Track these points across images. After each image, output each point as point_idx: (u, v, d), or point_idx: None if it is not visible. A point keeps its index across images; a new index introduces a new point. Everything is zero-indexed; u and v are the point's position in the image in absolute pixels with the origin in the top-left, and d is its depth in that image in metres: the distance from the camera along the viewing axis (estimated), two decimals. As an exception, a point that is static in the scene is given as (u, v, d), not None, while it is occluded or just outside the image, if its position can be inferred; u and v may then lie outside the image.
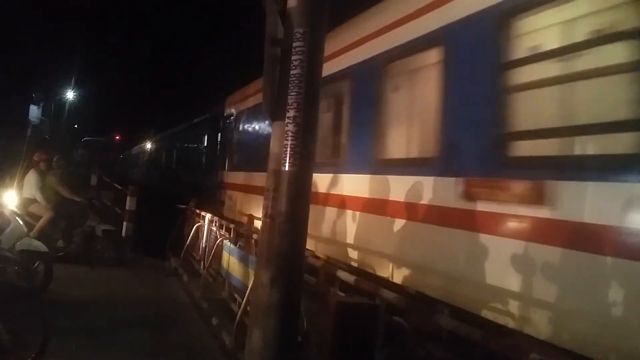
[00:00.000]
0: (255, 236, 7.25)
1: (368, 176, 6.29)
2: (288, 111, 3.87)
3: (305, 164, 3.90)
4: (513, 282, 4.08)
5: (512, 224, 4.11)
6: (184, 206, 12.72)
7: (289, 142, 3.84)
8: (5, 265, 7.08)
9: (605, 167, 3.51)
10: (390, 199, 5.79)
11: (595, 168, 3.58)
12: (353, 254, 6.47)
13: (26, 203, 9.89)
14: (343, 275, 5.28)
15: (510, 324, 4.05)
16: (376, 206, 6.04)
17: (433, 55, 5.41)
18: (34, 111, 37.67)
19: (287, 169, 3.86)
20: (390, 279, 5.58)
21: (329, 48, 5.12)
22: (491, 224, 4.29)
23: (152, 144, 34.70)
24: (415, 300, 4.97)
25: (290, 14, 4.16)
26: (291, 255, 3.95)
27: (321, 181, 7.17)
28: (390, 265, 5.66)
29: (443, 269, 4.85)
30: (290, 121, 3.85)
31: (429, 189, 5.15)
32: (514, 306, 4.08)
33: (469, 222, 4.51)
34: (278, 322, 3.92)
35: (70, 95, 50.48)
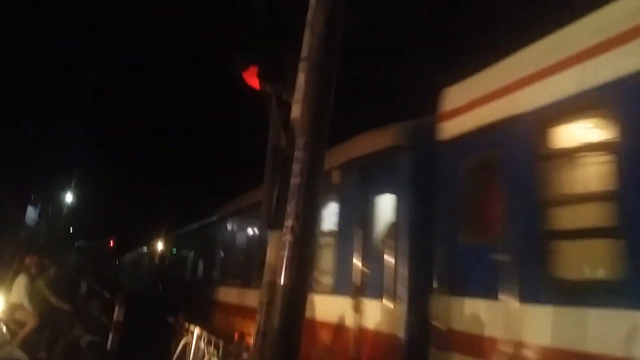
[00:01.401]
0: (245, 355, 6.92)
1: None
2: (287, 220, 3.75)
3: (301, 277, 3.71)
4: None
5: None
6: (173, 318, 12.33)
7: (286, 254, 3.68)
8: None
9: None
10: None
11: None
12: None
13: (12, 309, 9.64)
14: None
15: None
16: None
17: None
18: (31, 213, 37.76)
19: (282, 282, 3.67)
20: None
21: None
22: None
23: (145, 250, 34.50)
24: None
25: (292, 125, 4.16)
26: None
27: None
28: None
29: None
30: (289, 231, 3.71)
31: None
32: None
33: None
34: None
35: (69, 197, 50.85)
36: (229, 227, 13.92)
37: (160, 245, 27.68)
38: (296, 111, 4.17)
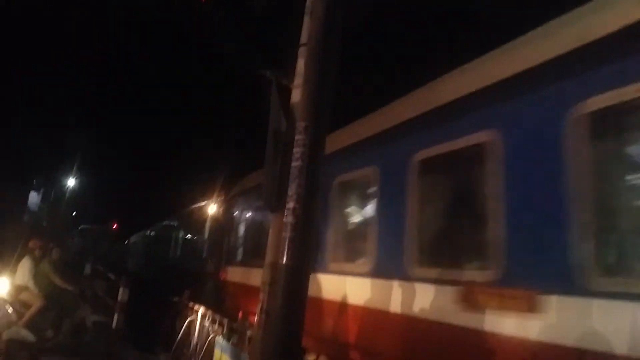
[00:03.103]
0: (249, 332, 7.03)
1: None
2: (288, 202, 3.83)
3: (303, 257, 3.81)
4: None
5: None
6: (177, 298, 12.48)
7: (288, 235, 3.77)
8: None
9: None
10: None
11: None
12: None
13: (18, 290, 9.75)
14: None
15: None
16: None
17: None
18: (34, 197, 37.88)
19: (284, 262, 3.77)
20: None
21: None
22: None
23: (149, 232, 34.61)
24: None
25: (293, 108, 4.23)
26: (286, 354, 3.78)
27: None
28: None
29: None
30: (290, 213, 3.80)
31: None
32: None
33: None
34: None
35: (70, 182, 50.99)
36: (232, 208, 14.01)
37: (163, 227, 27.82)
38: (296, 95, 4.23)
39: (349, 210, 7.06)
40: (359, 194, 6.77)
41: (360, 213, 6.79)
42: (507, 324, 3.98)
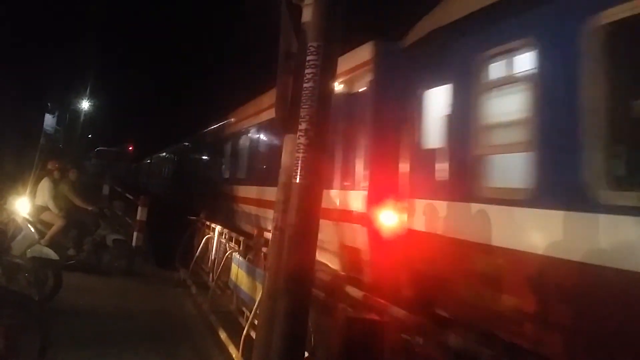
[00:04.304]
0: (264, 249, 7.23)
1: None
2: (300, 124, 3.86)
3: (316, 177, 3.88)
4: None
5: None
6: (194, 218, 12.76)
7: (301, 155, 3.82)
8: (16, 271, 7.13)
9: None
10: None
11: None
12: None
13: (38, 211, 9.99)
14: (352, 290, 5.24)
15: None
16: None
17: None
18: (49, 120, 38.08)
19: (297, 181, 3.85)
20: None
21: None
22: None
23: (165, 154, 34.87)
24: (425, 318, 4.91)
25: (304, 28, 4.18)
26: (300, 269, 3.91)
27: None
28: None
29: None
30: (302, 134, 3.83)
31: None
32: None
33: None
34: (285, 336, 3.88)
35: (85, 105, 51.04)
36: (245, 129, 14.06)
37: (180, 148, 27.95)
38: (307, 14, 4.17)
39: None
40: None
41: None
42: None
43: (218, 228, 10.25)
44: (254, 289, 6.67)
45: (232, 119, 16.23)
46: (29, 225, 8.06)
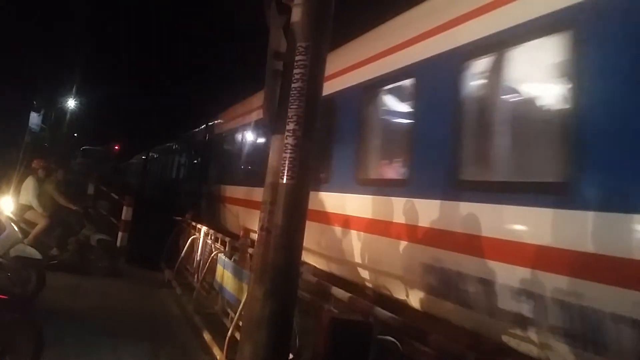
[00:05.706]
0: (250, 250, 7.20)
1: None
2: (288, 124, 3.86)
3: (303, 177, 3.88)
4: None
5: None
6: (179, 218, 12.71)
7: (288, 155, 3.82)
8: (-2, 271, 7.06)
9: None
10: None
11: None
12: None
13: (22, 209, 9.90)
14: (337, 292, 5.23)
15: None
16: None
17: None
18: (35, 118, 37.74)
19: (284, 181, 3.84)
20: None
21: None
22: None
23: (151, 154, 34.73)
24: (410, 319, 4.91)
25: (293, 28, 4.18)
26: (286, 269, 3.91)
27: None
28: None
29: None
30: (290, 134, 3.83)
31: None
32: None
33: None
34: (270, 337, 3.87)
35: (71, 103, 50.68)
36: (233, 130, 14.03)
37: (165, 148, 27.87)
38: (297, 14, 4.17)
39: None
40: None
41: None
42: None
43: (204, 229, 10.20)
44: (239, 290, 6.64)
45: (220, 120, 16.21)
46: (13, 224, 7.97)
